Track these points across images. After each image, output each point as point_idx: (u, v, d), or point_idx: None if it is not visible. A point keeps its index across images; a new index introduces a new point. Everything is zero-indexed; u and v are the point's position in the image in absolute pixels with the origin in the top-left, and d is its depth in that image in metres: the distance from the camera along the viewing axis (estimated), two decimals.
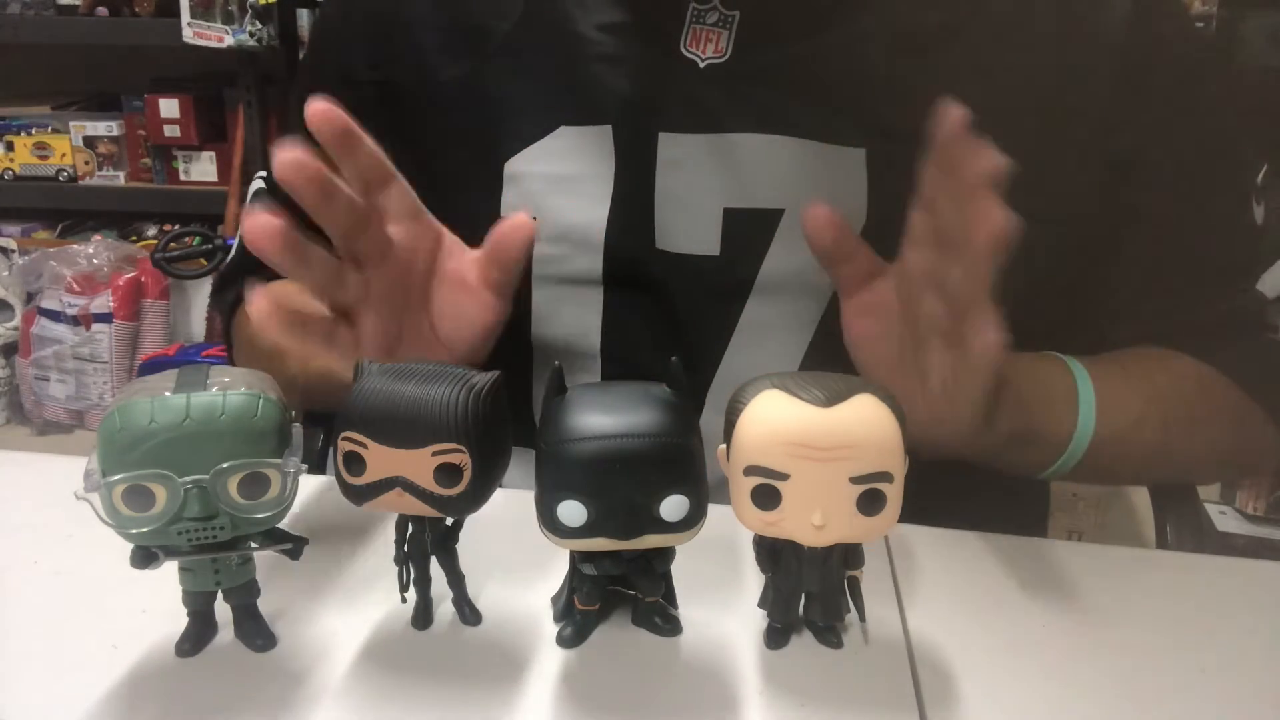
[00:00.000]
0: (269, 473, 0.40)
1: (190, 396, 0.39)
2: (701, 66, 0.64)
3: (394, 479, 0.41)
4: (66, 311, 2.16)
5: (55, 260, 2.16)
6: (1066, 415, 0.63)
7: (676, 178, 0.65)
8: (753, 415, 0.40)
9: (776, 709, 0.43)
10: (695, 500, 0.40)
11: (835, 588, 0.45)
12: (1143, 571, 0.57)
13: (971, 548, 0.57)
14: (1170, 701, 0.44)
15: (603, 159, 0.66)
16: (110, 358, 2.17)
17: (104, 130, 2.27)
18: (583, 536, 0.40)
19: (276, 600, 0.47)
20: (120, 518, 0.39)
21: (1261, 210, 0.69)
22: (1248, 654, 0.48)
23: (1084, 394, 0.63)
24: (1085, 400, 0.63)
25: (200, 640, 0.45)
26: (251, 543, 0.43)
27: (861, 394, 0.40)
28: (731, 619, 0.48)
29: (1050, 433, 0.63)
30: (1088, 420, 0.63)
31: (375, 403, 0.40)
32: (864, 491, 0.40)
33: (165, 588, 0.44)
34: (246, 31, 1.96)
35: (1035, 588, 0.53)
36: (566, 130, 0.66)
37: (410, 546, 0.46)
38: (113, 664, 0.44)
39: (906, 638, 0.48)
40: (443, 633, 0.47)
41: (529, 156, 0.67)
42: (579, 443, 0.40)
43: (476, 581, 0.48)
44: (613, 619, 0.48)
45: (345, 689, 0.43)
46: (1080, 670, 0.46)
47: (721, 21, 0.64)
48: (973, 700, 0.44)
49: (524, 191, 0.67)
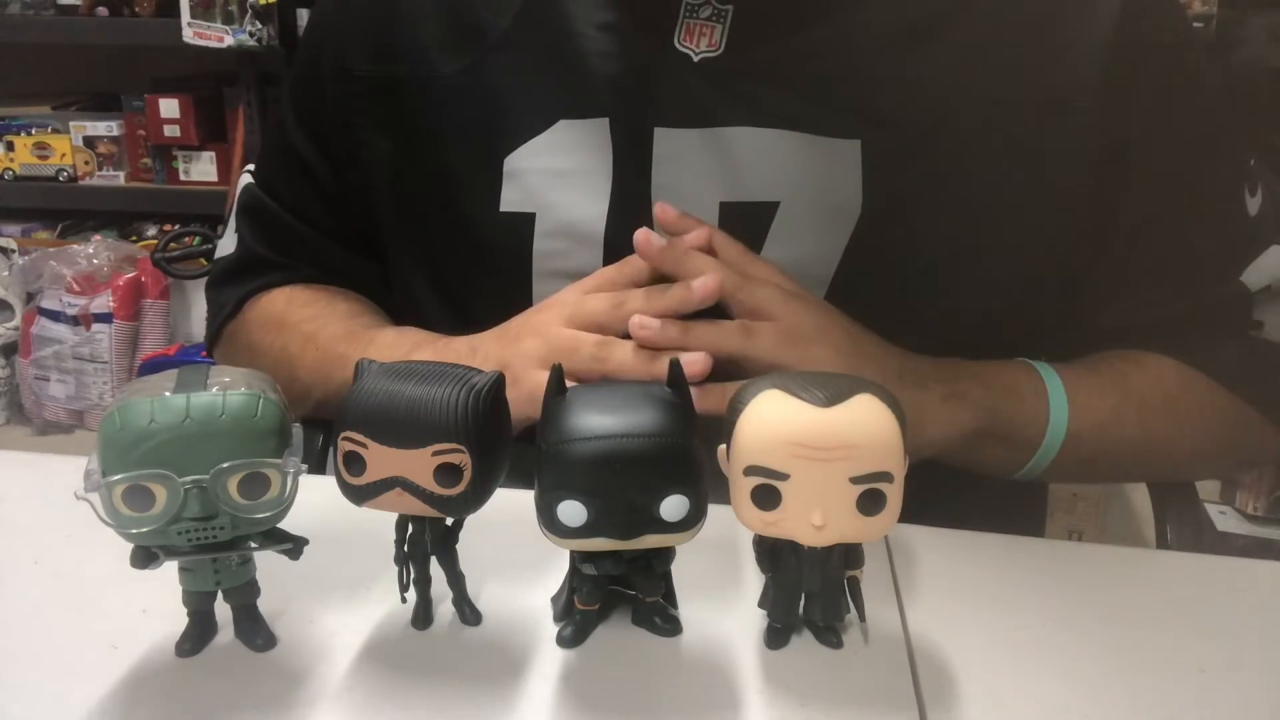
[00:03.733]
0: (269, 473, 0.40)
1: (190, 396, 0.39)
2: (695, 60, 0.65)
3: (394, 479, 0.41)
4: (66, 311, 2.16)
5: (55, 260, 2.16)
6: (1037, 412, 0.64)
7: (672, 172, 0.65)
8: (753, 415, 0.40)
9: (776, 709, 0.43)
10: (695, 500, 0.40)
11: (835, 588, 0.45)
12: (1143, 571, 0.57)
13: (971, 548, 0.57)
14: (1170, 701, 0.44)
15: (601, 153, 0.66)
16: (110, 358, 2.17)
17: (104, 130, 2.27)
18: (583, 536, 0.40)
19: (276, 600, 0.47)
20: (120, 518, 0.39)
21: (1257, 201, 0.69)
22: (1248, 654, 0.48)
23: (1053, 391, 0.65)
24: (1055, 397, 0.65)
25: (200, 640, 0.45)
26: (251, 543, 0.43)
27: (862, 394, 0.40)
28: (731, 619, 0.48)
29: (1022, 430, 0.65)
30: (1060, 415, 0.64)
31: (375, 403, 0.40)
32: (864, 491, 0.40)
33: (165, 588, 0.44)
34: (246, 31, 1.96)
35: (1035, 588, 0.53)
36: (565, 124, 0.66)
37: (410, 546, 0.46)
38: (113, 664, 0.44)
39: (906, 638, 0.48)
40: (443, 633, 0.47)
41: (529, 151, 0.67)
42: (579, 443, 0.40)
43: (476, 581, 0.48)
44: (613, 619, 0.48)
45: (345, 689, 0.43)
46: (1080, 670, 0.46)
47: (715, 15, 0.64)
48: (973, 700, 0.44)
49: (524, 187, 0.67)
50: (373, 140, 0.72)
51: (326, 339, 0.72)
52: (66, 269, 2.15)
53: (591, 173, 0.66)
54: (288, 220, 0.78)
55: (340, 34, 0.74)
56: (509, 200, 0.68)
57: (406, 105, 0.71)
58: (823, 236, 0.65)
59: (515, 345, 0.62)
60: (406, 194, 0.73)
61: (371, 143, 0.73)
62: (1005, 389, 0.65)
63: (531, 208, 0.67)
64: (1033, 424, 0.65)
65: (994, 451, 0.65)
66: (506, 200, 0.68)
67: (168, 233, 2.22)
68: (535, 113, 0.67)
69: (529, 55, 0.68)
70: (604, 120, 0.66)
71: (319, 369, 0.71)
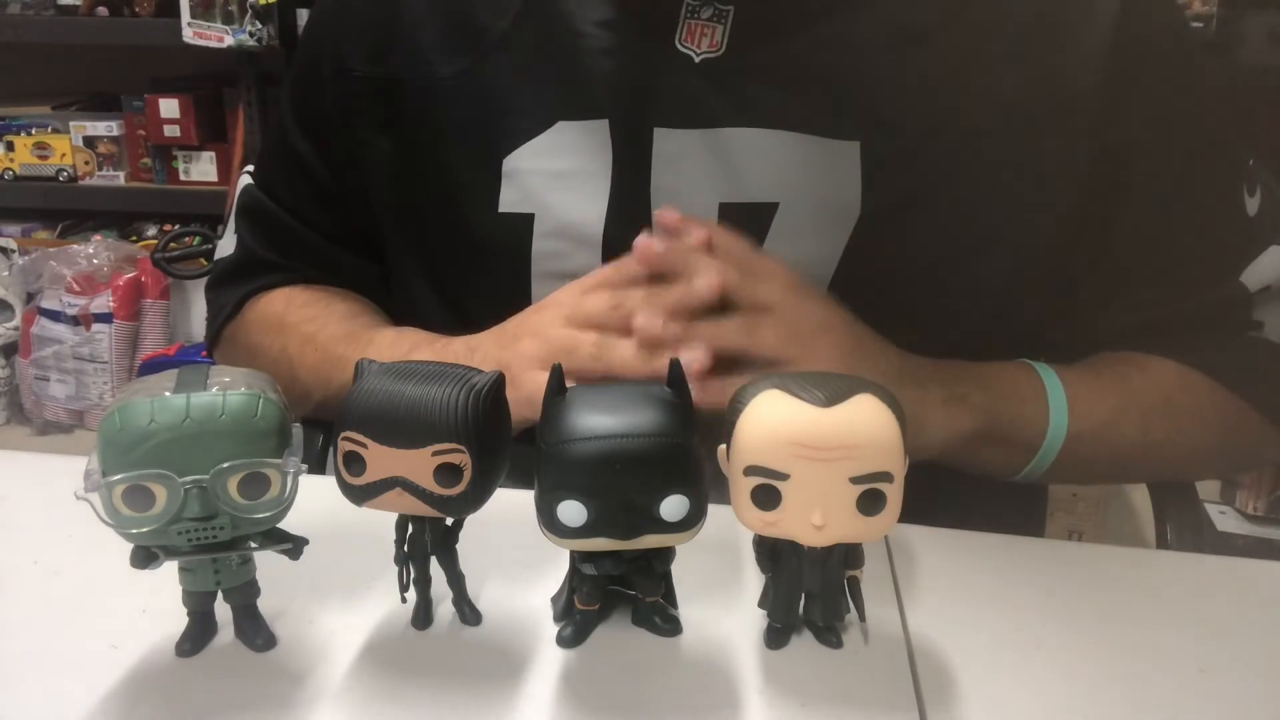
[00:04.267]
0: (269, 473, 0.40)
1: (190, 396, 0.39)
2: (696, 61, 0.65)
3: (394, 479, 0.41)
4: (66, 311, 2.16)
5: (55, 260, 2.16)
6: (1037, 414, 0.65)
7: (672, 173, 0.65)
8: (753, 415, 0.40)
9: (776, 709, 0.43)
10: (695, 500, 0.40)
11: (835, 588, 0.45)
12: (1143, 571, 0.57)
13: (971, 548, 0.57)
14: (1170, 701, 0.44)
15: (600, 154, 0.66)
16: (110, 358, 2.17)
17: (104, 130, 2.27)
18: (583, 536, 0.40)
19: (276, 600, 0.47)
20: (120, 518, 0.39)
21: (1256, 201, 0.69)
22: (1248, 654, 0.48)
23: (1053, 393, 0.65)
24: (1055, 399, 0.65)
25: (200, 640, 0.45)
26: (251, 543, 0.43)
27: (862, 394, 0.40)
28: (731, 619, 0.48)
29: (1022, 432, 0.65)
30: (1060, 417, 0.64)
31: (375, 403, 0.40)
32: (864, 491, 0.40)
33: (165, 588, 0.44)
34: (246, 31, 1.96)
35: (1035, 588, 0.53)
36: (564, 125, 0.66)
37: (410, 546, 0.46)
38: (113, 664, 0.44)
39: (906, 638, 0.48)
40: (443, 633, 0.47)
41: (528, 152, 0.67)
42: (579, 443, 0.40)
43: (476, 581, 0.48)
44: (613, 619, 0.48)
45: (345, 689, 0.43)
46: (1080, 670, 0.46)
47: (716, 16, 0.64)
48: (973, 700, 0.44)
49: (523, 188, 0.67)
50: (372, 141, 0.73)
51: (326, 340, 0.72)
52: (66, 269, 2.15)
53: (590, 173, 0.66)
54: (287, 221, 0.78)
55: (339, 35, 0.74)
56: (508, 201, 0.68)
57: (406, 106, 0.71)
58: (822, 238, 0.65)
59: (514, 346, 0.62)
60: (406, 194, 0.73)
61: (371, 143, 0.73)
62: (1005, 391, 0.65)
63: (530, 208, 0.67)
64: (1033, 426, 0.65)
65: (993, 453, 0.65)
66: (505, 201, 0.68)
67: (168, 233, 2.22)
68: (534, 114, 0.67)
69: (528, 56, 0.68)
70: (603, 122, 0.65)
71: (319, 370, 0.71)
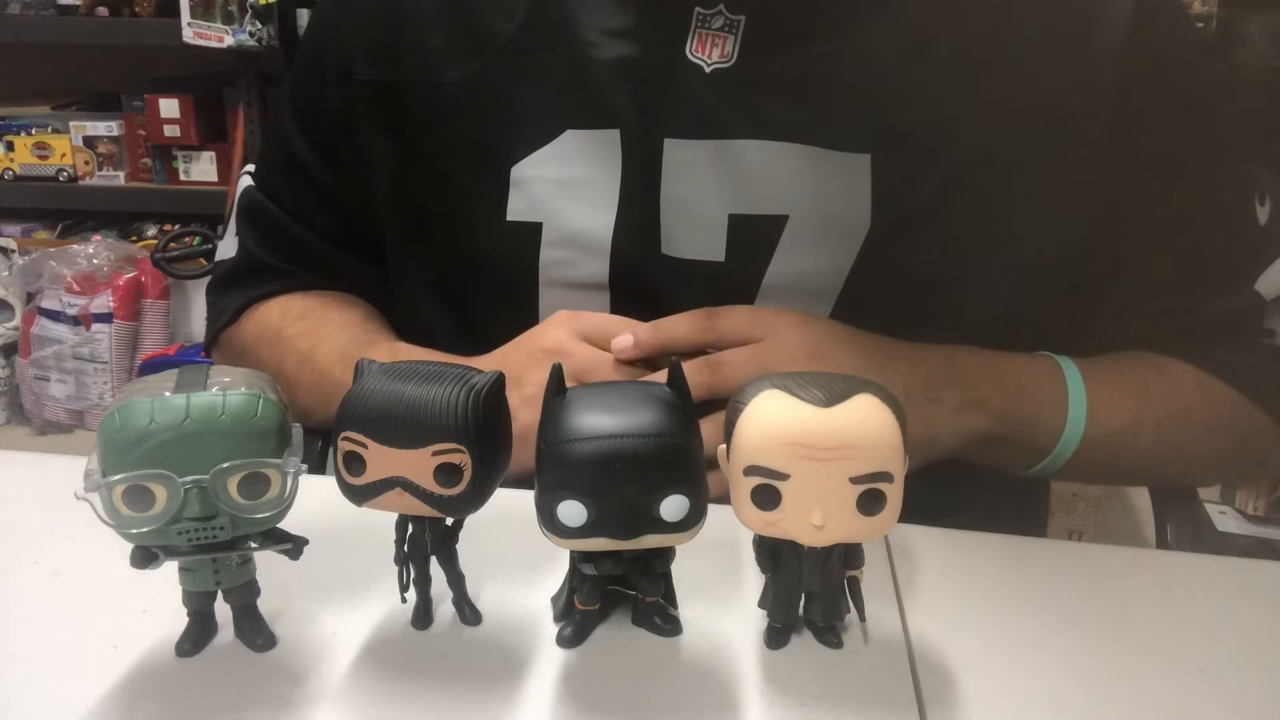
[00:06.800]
0: (269, 473, 0.40)
1: (190, 396, 0.39)
2: (707, 72, 0.64)
3: (394, 479, 0.41)
4: (66, 311, 2.16)
5: (55, 260, 2.16)
6: (1055, 418, 0.64)
7: (682, 183, 0.65)
8: (753, 415, 0.40)
9: (776, 709, 0.43)
10: (695, 500, 0.40)
11: (835, 588, 0.45)
12: (1143, 571, 0.57)
13: (971, 548, 0.57)
14: (1170, 701, 0.44)
15: (609, 163, 0.65)
16: (110, 358, 2.17)
17: (104, 130, 2.27)
18: (583, 536, 0.40)
19: (276, 600, 0.47)
20: (120, 518, 0.39)
21: (1266, 210, 0.68)
22: (1248, 654, 0.48)
23: (1074, 396, 0.64)
24: (1075, 399, 0.64)
25: (200, 640, 0.45)
26: (251, 543, 0.43)
27: (862, 394, 0.40)
28: (731, 619, 0.48)
29: (1036, 437, 0.64)
30: (1077, 423, 0.64)
31: (375, 403, 0.40)
32: (864, 491, 0.40)
33: (165, 588, 0.44)
34: (246, 31, 1.96)
35: (1035, 588, 0.53)
36: (573, 134, 0.66)
37: (410, 546, 0.46)
38: (113, 664, 0.44)
39: (906, 638, 0.48)
40: (443, 633, 0.47)
41: (536, 160, 0.67)
42: (579, 443, 0.40)
43: (476, 581, 0.48)
44: (613, 619, 0.48)
45: (345, 689, 0.43)
46: (1080, 670, 0.46)
47: (727, 26, 0.64)
48: (973, 700, 0.44)
49: (531, 196, 0.67)
50: (375, 144, 0.72)
51: (323, 357, 0.72)
52: (66, 269, 2.15)
53: (599, 183, 0.66)
54: (288, 224, 0.77)
55: (342, 36, 0.73)
56: (515, 210, 0.67)
57: (411, 110, 0.70)
58: (831, 250, 0.64)
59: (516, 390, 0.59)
60: (410, 200, 0.73)
61: (374, 147, 0.72)
62: (1025, 393, 0.64)
63: (538, 217, 0.67)
64: (1048, 431, 0.64)
65: (1004, 452, 0.65)
66: (513, 210, 0.67)
67: (168, 233, 2.22)
68: (543, 122, 0.67)
69: (536, 62, 0.67)
70: (614, 131, 0.65)
71: (316, 391, 0.71)
